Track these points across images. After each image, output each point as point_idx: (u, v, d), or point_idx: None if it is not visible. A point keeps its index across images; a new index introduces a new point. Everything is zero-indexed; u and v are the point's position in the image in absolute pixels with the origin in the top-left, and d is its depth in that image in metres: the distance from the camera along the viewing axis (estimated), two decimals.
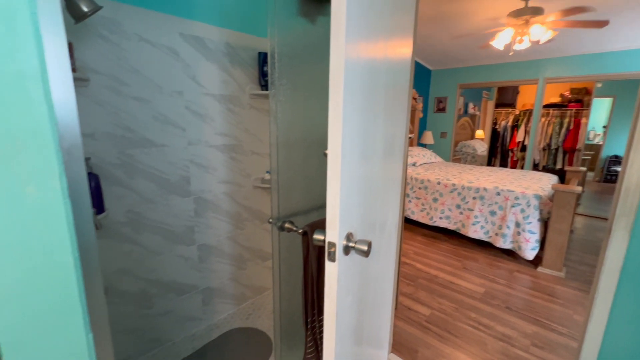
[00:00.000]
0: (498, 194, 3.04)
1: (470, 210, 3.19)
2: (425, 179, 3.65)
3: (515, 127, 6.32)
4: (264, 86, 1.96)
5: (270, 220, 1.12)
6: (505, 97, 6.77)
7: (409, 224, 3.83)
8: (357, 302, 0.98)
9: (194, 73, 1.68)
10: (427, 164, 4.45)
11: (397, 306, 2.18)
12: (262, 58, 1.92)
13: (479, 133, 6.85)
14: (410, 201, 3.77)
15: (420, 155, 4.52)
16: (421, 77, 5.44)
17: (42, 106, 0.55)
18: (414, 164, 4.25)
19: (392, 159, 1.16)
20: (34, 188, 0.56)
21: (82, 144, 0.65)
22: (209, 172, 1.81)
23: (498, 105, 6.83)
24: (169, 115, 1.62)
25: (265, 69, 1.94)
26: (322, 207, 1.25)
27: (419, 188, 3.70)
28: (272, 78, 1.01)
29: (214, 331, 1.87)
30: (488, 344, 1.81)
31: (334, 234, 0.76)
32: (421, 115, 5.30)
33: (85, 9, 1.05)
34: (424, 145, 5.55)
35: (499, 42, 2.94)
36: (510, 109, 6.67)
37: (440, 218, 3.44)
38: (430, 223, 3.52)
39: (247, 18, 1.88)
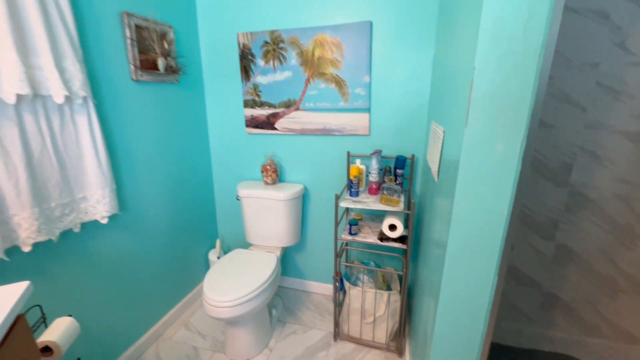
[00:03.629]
0: None
1: None
2: None
3: None
4: None
5: None
6: None
7: None
8: None
9: (623, 38, 1.33)
10: None
11: None
12: None
13: None
14: None
15: None
16: None
17: (531, 74, 0.64)
18: None
19: None
20: (502, 146, 0.69)
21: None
22: (602, 165, 1.45)
23: None
24: (570, 92, 1.43)
25: None
26: None
27: None
28: None
29: (545, 342, 1.64)
30: None
31: None
32: None
33: None
34: None
35: None
36: None
37: None
38: None
39: None
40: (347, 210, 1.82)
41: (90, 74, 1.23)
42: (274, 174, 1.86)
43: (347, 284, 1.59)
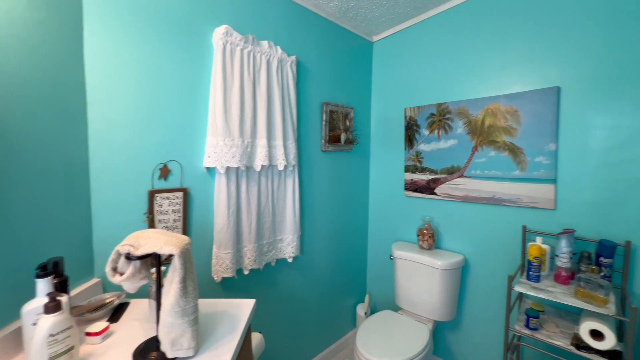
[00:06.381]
0: None
1: None
2: None
3: None
4: None
5: None
6: None
7: None
8: None
9: None
10: None
11: None
12: None
13: None
14: None
15: None
16: None
17: None
18: None
19: None
20: None
21: None
22: None
23: None
24: None
25: None
26: None
27: None
28: None
29: None
30: None
31: None
32: None
33: None
34: None
35: None
36: None
37: None
38: None
39: None
40: (521, 296, 1.53)
41: (298, 148, 1.68)
42: (431, 239, 1.83)
43: None
